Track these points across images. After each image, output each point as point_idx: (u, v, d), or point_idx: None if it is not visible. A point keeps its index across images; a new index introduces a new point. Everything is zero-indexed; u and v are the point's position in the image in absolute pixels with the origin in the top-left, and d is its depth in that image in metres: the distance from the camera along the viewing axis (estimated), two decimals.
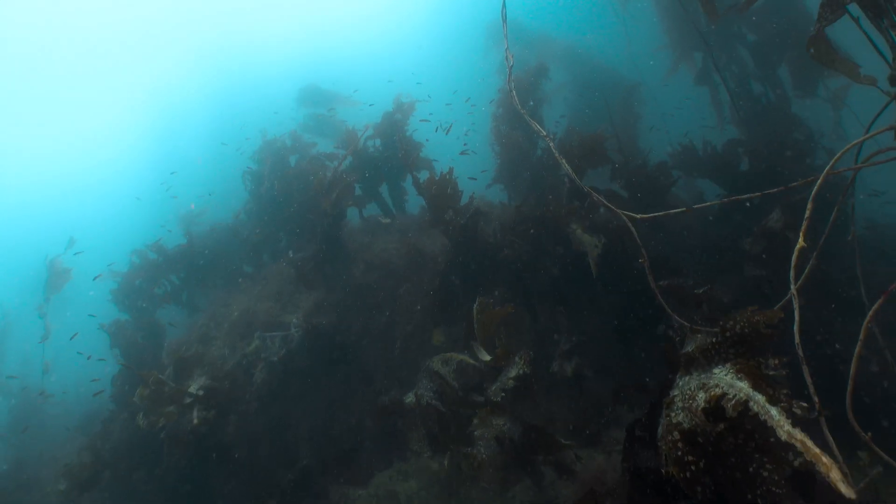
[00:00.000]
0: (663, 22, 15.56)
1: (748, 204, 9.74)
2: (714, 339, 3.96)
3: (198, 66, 45.09)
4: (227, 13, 42.05)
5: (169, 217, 16.13)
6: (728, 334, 3.89)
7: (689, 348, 4.21)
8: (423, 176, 8.31)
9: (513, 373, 5.75)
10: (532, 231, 7.47)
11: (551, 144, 4.88)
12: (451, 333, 8.76)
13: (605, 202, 4.60)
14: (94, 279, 13.39)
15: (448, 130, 9.87)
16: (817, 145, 10.32)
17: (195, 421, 7.16)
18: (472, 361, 6.04)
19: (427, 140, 11.44)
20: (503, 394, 5.82)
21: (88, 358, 11.18)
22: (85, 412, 13.95)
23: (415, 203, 12.41)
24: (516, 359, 5.81)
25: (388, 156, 11.34)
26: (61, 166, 51.57)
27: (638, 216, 4.17)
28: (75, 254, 14.35)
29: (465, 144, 12.49)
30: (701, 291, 5.74)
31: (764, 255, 7.74)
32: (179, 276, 12.60)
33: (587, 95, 18.39)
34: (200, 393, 7.47)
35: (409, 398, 6.58)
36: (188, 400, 7.43)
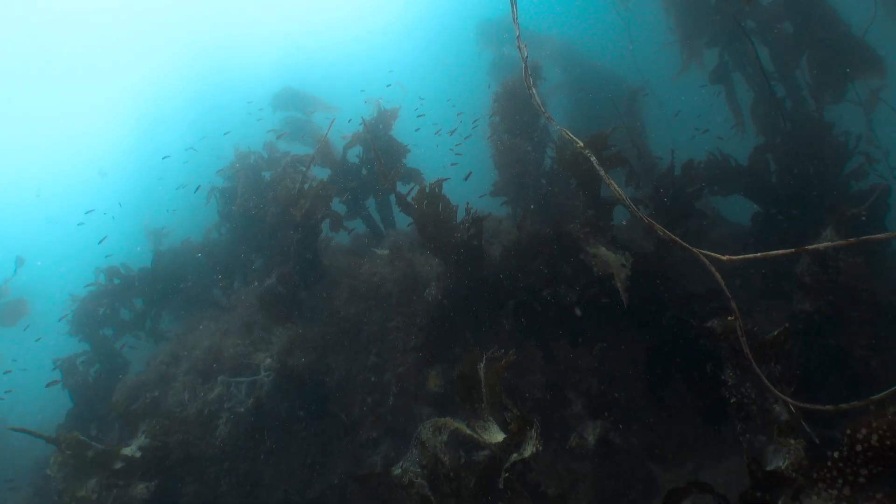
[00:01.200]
0: (671, 16, 14.48)
1: (779, 217, 8.62)
2: (837, 454, 2.75)
3: (181, 71, 43.53)
4: (212, 15, 40.60)
5: (140, 230, 14.77)
6: (860, 448, 2.68)
7: (781, 463, 3.02)
8: (407, 189, 7.10)
9: (526, 451, 4.50)
10: (544, 251, 6.27)
11: (579, 144, 3.68)
12: (450, 374, 7.52)
13: (656, 225, 3.39)
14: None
15: (452, 132, 8.70)
16: (853, 152, 9.21)
17: (133, 495, 5.82)
18: (469, 433, 4.79)
19: (409, 145, 10.22)
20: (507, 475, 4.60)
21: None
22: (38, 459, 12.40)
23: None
24: (530, 433, 4.56)
25: (372, 168, 10.09)
26: (41, 168, 49.37)
27: (724, 257, 2.93)
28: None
29: (457, 152, 11.29)
30: (770, 338, 4.54)
31: (816, 284, 6.58)
32: (143, 301, 11.25)
33: (585, 98, 17.27)
34: (138, 455, 6.12)
35: (397, 470, 5.32)
36: (119, 465, 6.06)
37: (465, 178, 9.98)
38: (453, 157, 10.44)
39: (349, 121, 10.96)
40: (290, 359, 7.77)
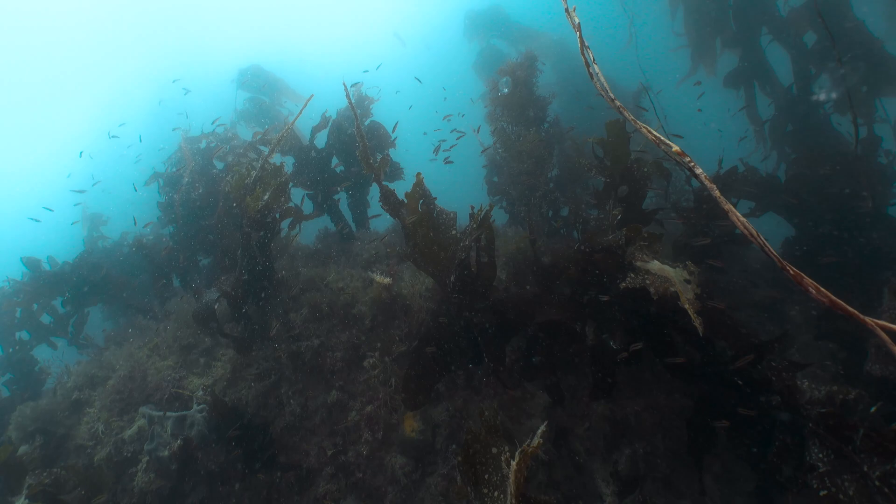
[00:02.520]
0: (677, 19, 13.42)
1: (822, 240, 7.50)
2: None
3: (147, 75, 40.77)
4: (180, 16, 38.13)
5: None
6: None
7: None
8: (396, 188, 5.66)
9: None
10: (571, 272, 4.90)
11: (675, 148, 2.33)
12: (431, 417, 6.09)
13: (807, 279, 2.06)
14: None
15: (448, 118, 7.28)
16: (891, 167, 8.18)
17: None
18: None
19: (395, 137, 8.76)
20: None
21: None
22: None
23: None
24: None
25: (347, 159, 8.57)
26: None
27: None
28: None
29: (447, 152, 9.89)
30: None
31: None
32: (65, 301, 9.43)
33: (576, 97, 16.07)
34: None
35: None
36: None
37: (443, 160, 8.60)
38: (440, 156, 9.00)
39: (325, 112, 9.44)
40: (232, 389, 6.21)
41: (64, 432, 7.18)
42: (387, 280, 6.09)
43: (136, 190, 9.91)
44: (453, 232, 5.02)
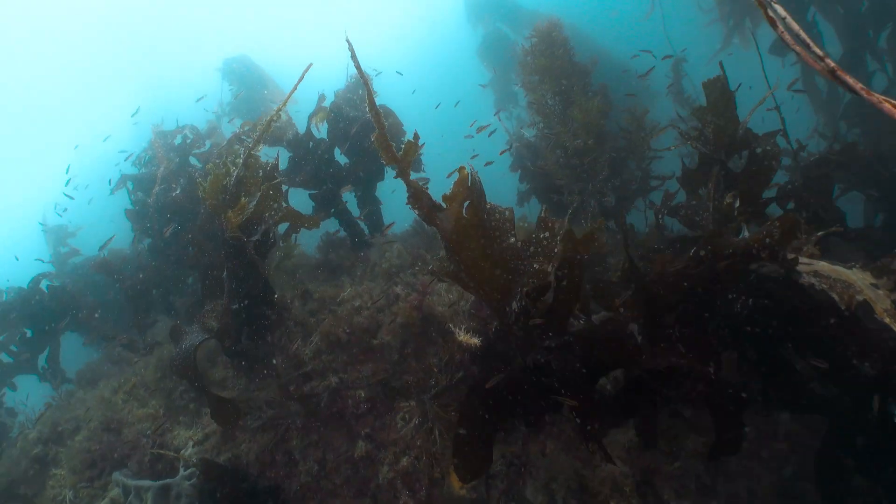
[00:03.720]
0: None
1: None
2: None
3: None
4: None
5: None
6: None
7: None
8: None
9: None
10: (688, 286, 3.55)
11: None
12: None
13: None
14: None
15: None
16: None
17: None
18: None
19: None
20: None
21: None
22: None
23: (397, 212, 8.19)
24: None
25: (350, 150, 7.21)
26: None
27: None
28: None
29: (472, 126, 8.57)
30: None
31: None
32: (29, 334, 8.05)
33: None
34: None
35: None
36: None
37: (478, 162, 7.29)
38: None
39: (320, 95, 8.04)
40: (229, 445, 4.87)
41: (30, 494, 5.86)
42: (416, 298, 4.76)
43: (110, 184, 8.43)
44: (512, 240, 3.67)
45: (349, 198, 7.60)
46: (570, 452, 4.98)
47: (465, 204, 3.54)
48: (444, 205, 3.52)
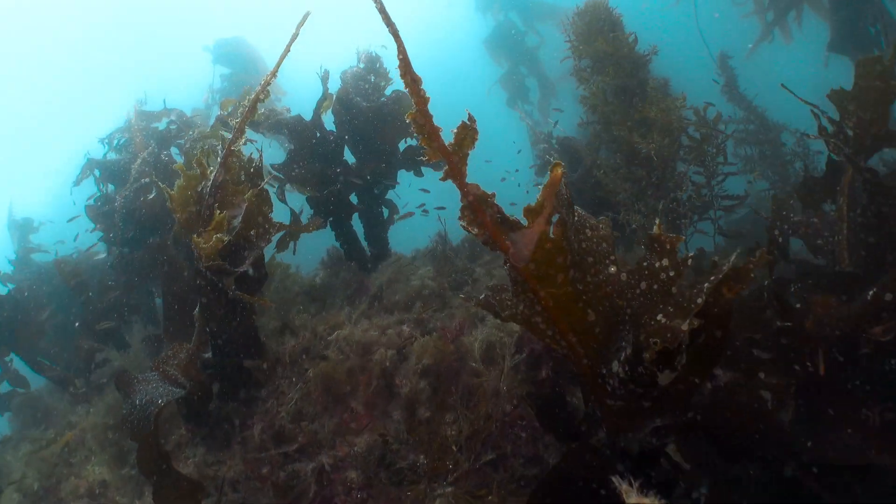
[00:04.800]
0: None
1: None
2: None
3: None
4: None
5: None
6: None
7: None
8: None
9: None
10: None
11: None
12: None
13: None
14: None
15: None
16: None
17: None
18: None
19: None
20: None
21: None
22: None
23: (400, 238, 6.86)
24: None
25: (360, 144, 6.05)
26: None
27: None
28: None
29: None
30: None
31: None
32: None
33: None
34: None
35: None
36: None
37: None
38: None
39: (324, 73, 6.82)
40: None
41: None
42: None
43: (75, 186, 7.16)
44: (612, 270, 2.54)
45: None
46: None
47: (554, 221, 2.42)
48: (522, 220, 2.38)
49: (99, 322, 5.46)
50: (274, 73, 3.31)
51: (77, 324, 5.89)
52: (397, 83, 6.18)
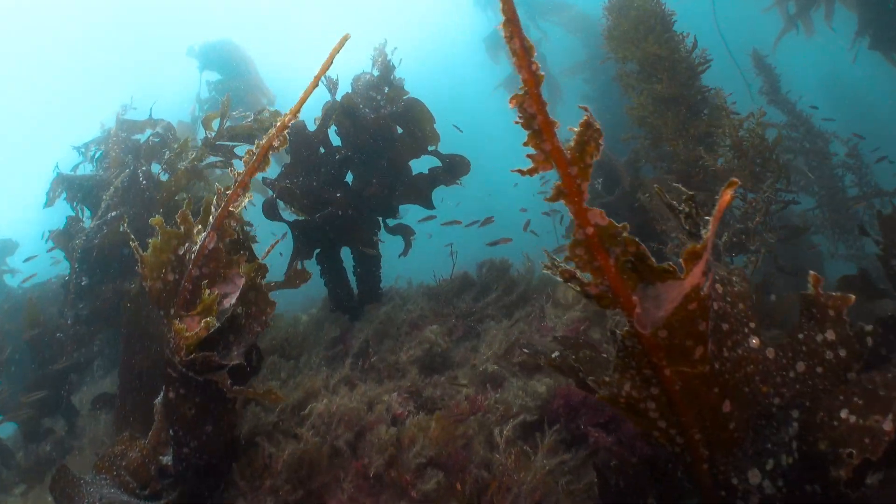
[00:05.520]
0: None
1: None
2: None
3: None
4: None
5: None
6: None
7: None
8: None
9: None
10: None
11: None
12: None
13: None
14: None
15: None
16: None
17: None
18: None
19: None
20: None
21: None
22: None
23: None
24: None
25: (363, 164, 5.24)
26: None
27: None
28: None
29: None
30: None
31: None
32: None
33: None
34: None
35: None
36: None
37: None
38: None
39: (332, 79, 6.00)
40: None
41: None
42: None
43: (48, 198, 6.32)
44: (754, 342, 1.82)
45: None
46: None
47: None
48: (665, 267, 1.60)
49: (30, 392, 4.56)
50: (295, 113, 2.49)
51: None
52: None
